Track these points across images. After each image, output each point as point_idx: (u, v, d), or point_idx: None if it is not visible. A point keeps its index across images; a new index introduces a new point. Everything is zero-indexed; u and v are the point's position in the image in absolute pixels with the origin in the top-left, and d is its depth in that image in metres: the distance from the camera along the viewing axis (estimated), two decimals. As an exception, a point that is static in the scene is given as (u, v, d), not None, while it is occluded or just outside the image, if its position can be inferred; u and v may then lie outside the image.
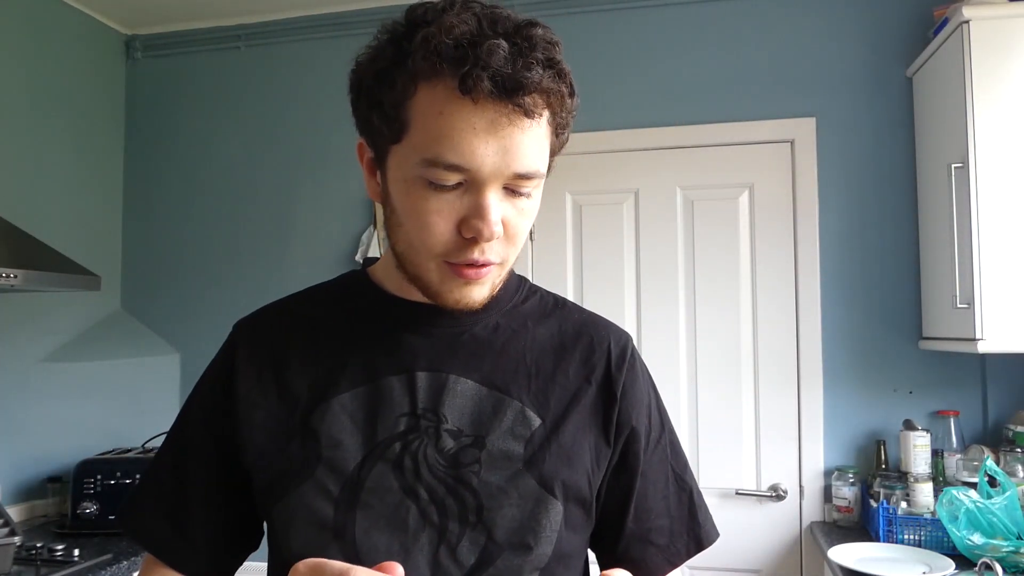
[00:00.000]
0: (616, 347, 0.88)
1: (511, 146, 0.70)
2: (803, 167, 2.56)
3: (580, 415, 0.83)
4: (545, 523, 0.78)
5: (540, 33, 0.71)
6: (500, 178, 0.71)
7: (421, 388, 0.80)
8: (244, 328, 0.89)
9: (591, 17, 2.76)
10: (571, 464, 0.81)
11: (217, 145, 3.08)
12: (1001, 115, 2.04)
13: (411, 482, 0.77)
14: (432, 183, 0.71)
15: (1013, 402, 2.36)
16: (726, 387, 2.58)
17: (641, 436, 0.86)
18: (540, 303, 0.90)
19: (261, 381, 0.83)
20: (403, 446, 0.78)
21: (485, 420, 0.80)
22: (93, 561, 2.06)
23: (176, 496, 0.85)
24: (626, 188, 2.71)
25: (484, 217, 0.71)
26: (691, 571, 2.56)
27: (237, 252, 3.03)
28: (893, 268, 2.49)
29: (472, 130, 0.68)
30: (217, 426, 0.84)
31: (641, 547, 0.86)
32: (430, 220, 0.72)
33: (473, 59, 0.67)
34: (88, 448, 2.67)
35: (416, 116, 0.70)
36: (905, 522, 2.11)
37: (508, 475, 0.78)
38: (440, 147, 0.69)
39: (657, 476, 0.88)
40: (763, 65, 2.61)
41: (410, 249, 0.76)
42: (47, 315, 2.70)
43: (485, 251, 0.73)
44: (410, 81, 0.70)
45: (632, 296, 2.68)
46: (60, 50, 2.82)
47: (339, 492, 0.77)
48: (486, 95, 0.67)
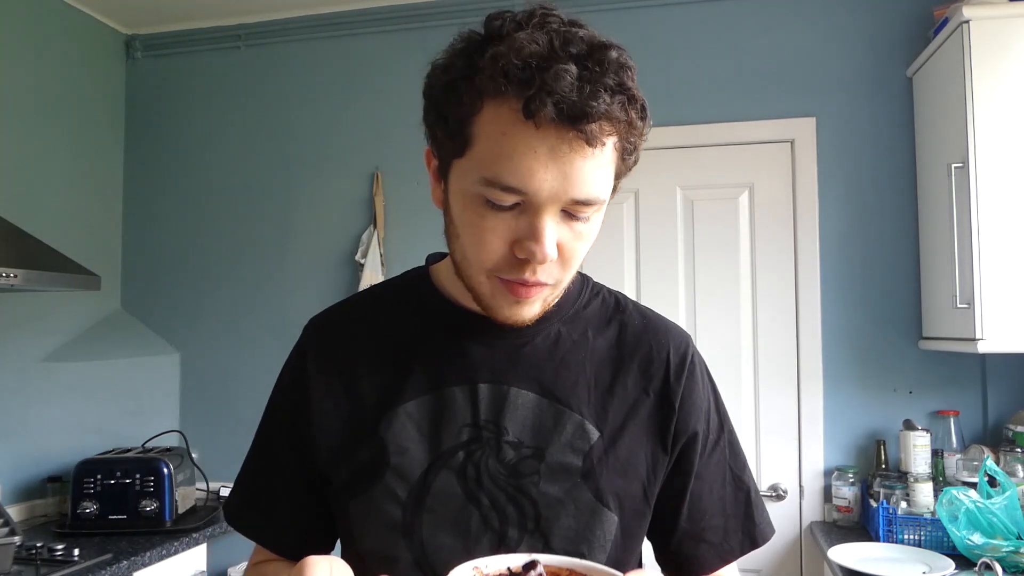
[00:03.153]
0: (675, 355, 0.89)
1: (571, 172, 0.69)
2: (803, 167, 2.56)
3: (638, 426, 0.84)
4: (599, 533, 0.81)
5: (614, 57, 0.69)
6: (557, 203, 0.71)
7: (483, 400, 0.82)
8: (314, 332, 0.91)
9: (591, 17, 2.71)
10: (627, 476, 0.83)
11: (217, 145, 3.08)
12: (1001, 115, 2.04)
13: (473, 489, 0.80)
14: (489, 201, 0.71)
15: (1013, 402, 2.36)
16: (726, 387, 2.54)
17: (699, 441, 0.87)
18: (602, 307, 0.91)
19: (331, 389, 0.86)
20: (466, 455, 0.81)
21: (545, 432, 0.82)
22: (93, 561, 2.06)
23: (268, 492, 0.90)
24: (626, 188, 2.68)
25: (539, 240, 0.71)
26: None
27: (237, 252, 3.03)
28: (893, 268, 2.49)
29: (533, 154, 0.68)
30: (296, 427, 0.87)
31: (693, 544, 0.88)
32: (485, 237, 0.72)
33: (539, 83, 0.66)
34: (88, 448, 2.67)
35: (480, 133, 0.70)
36: (905, 522, 2.11)
37: (566, 487, 0.80)
38: (500, 168, 0.69)
39: (714, 477, 0.89)
40: (763, 65, 2.61)
41: (464, 261, 0.77)
42: (47, 315, 2.70)
43: (537, 272, 0.73)
44: (477, 98, 0.69)
45: (632, 296, 2.67)
46: (60, 50, 2.82)
47: (406, 496, 0.80)
48: (548, 121, 0.66)
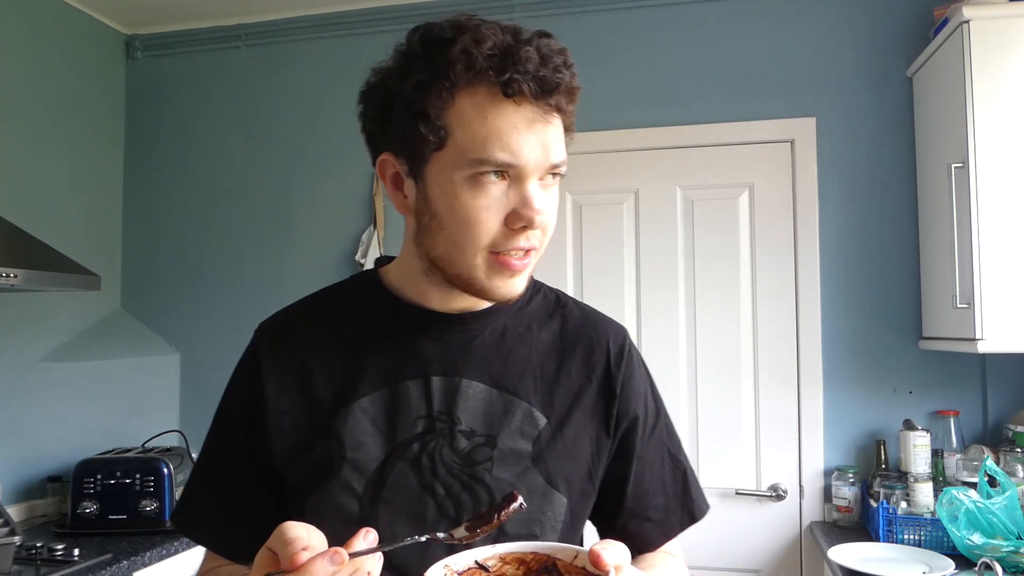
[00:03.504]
0: (614, 345, 0.95)
1: (548, 141, 0.78)
2: (803, 167, 2.56)
3: (583, 412, 0.89)
4: (550, 515, 0.85)
5: (554, 41, 0.78)
6: (540, 170, 0.78)
7: (436, 392, 0.85)
8: (265, 334, 0.93)
9: (591, 17, 2.76)
10: (574, 459, 0.88)
11: (217, 145, 3.08)
12: (1001, 115, 2.04)
13: (429, 479, 0.83)
14: (479, 183, 0.76)
15: (1013, 402, 2.36)
16: (726, 387, 2.58)
17: (639, 425, 0.93)
18: (544, 302, 0.96)
19: (286, 388, 0.87)
20: (421, 446, 0.84)
21: (496, 420, 0.86)
22: (93, 561, 2.06)
23: (224, 495, 0.90)
24: (626, 188, 2.71)
25: (531, 206, 0.77)
26: (691, 571, 2.56)
27: (237, 252, 3.03)
28: (893, 268, 2.49)
29: (516, 129, 0.76)
30: (250, 430, 0.88)
31: (638, 522, 0.93)
32: (480, 216, 0.77)
33: (512, 65, 0.74)
34: (88, 448, 2.67)
35: (458, 121, 0.76)
36: (905, 522, 2.11)
37: (518, 472, 0.85)
38: (488, 147, 0.75)
39: (654, 458, 0.95)
40: (763, 65, 2.61)
41: (455, 249, 0.80)
42: (47, 315, 2.70)
43: (530, 238, 0.79)
44: (449, 91, 0.76)
45: (632, 296, 2.68)
46: (60, 50, 2.82)
47: (363, 489, 0.83)
48: (527, 96, 0.75)
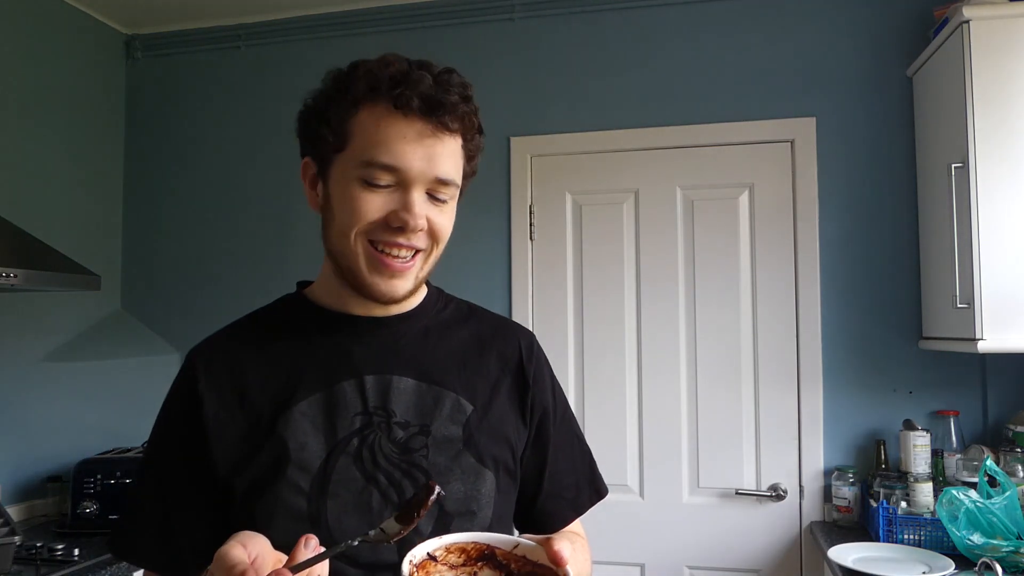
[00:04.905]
0: (524, 344, 1.05)
1: (434, 155, 0.87)
2: (803, 167, 2.56)
3: (503, 399, 1.00)
4: (484, 491, 0.93)
5: (456, 77, 0.89)
6: (424, 181, 0.87)
7: (370, 389, 0.92)
8: (199, 356, 0.97)
9: (591, 17, 2.76)
10: (498, 440, 0.97)
11: (217, 145, 3.08)
12: (1001, 115, 2.04)
13: (371, 470, 0.89)
14: (367, 182, 0.86)
15: (1013, 402, 2.36)
16: (726, 387, 2.58)
17: (550, 413, 1.04)
18: (457, 310, 1.06)
19: (225, 402, 0.92)
20: (360, 440, 0.90)
21: (427, 411, 0.93)
22: (93, 561, 2.06)
23: (161, 516, 0.92)
24: (626, 188, 2.71)
25: (410, 209, 0.86)
26: (691, 571, 2.56)
27: (237, 252, 3.03)
28: (893, 268, 2.49)
29: (403, 138, 0.86)
30: (190, 449, 0.91)
31: (554, 502, 1.05)
32: (361, 207, 0.87)
33: (405, 84, 0.85)
34: (88, 448, 2.67)
35: (358, 129, 0.87)
36: (905, 522, 2.11)
37: (451, 455, 0.92)
38: (377, 151, 0.86)
39: (565, 443, 1.06)
40: (763, 65, 2.61)
41: (341, 239, 0.89)
42: (47, 315, 2.70)
43: (410, 239, 0.88)
44: (353, 103, 0.88)
45: (632, 295, 2.68)
46: (60, 50, 2.82)
47: (310, 487, 0.87)
48: (415, 111, 0.85)
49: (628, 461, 2.62)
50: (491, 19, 2.82)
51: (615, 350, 2.67)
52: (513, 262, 2.76)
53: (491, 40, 2.80)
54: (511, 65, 2.79)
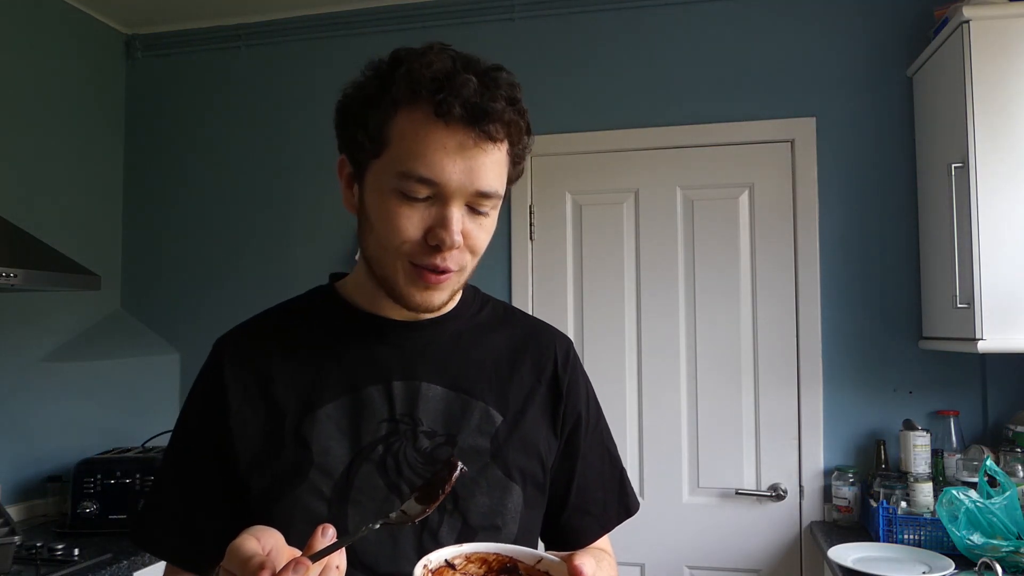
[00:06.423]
0: (560, 351, 1.01)
1: (475, 167, 0.80)
2: (803, 167, 2.56)
3: (534, 410, 0.95)
4: (510, 506, 0.90)
5: (504, 76, 0.83)
6: (464, 194, 0.81)
7: (397, 396, 0.89)
8: (226, 346, 0.95)
9: (591, 17, 2.76)
10: (528, 453, 0.93)
11: (217, 145, 3.08)
12: (1001, 115, 2.04)
13: (394, 479, 0.86)
14: (404, 194, 0.81)
15: (1013, 402, 2.36)
16: (726, 387, 2.58)
17: (583, 424, 1.00)
18: (493, 312, 1.02)
19: (249, 397, 0.90)
20: (385, 448, 0.87)
21: (455, 420, 0.90)
22: (93, 560, 2.06)
23: (183, 507, 0.91)
24: (626, 188, 2.71)
25: (447, 227, 0.81)
26: (691, 571, 2.56)
27: (237, 252, 3.03)
28: (893, 268, 2.49)
29: (443, 149, 0.79)
30: (214, 440, 0.90)
31: (580, 517, 1.00)
32: (400, 224, 0.81)
33: (448, 89, 0.78)
34: (88, 448, 2.67)
35: (395, 135, 0.81)
36: (905, 522, 2.11)
37: (478, 468, 0.89)
38: (415, 162, 0.79)
39: (595, 456, 1.02)
40: (763, 65, 2.61)
41: (380, 251, 0.85)
42: (47, 315, 2.70)
43: (447, 259, 0.83)
44: (391, 105, 0.81)
45: (632, 296, 2.68)
46: (60, 50, 2.82)
47: (331, 492, 0.85)
48: (457, 119, 0.79)
49: (628, 461, 2.62)
50: (491, 19, 2.82)
51: (615, 350, 2.67)
52: (513, 262, 2.76)
53: (491, 40, 2.80)
54: (511, 65, 2.75)
